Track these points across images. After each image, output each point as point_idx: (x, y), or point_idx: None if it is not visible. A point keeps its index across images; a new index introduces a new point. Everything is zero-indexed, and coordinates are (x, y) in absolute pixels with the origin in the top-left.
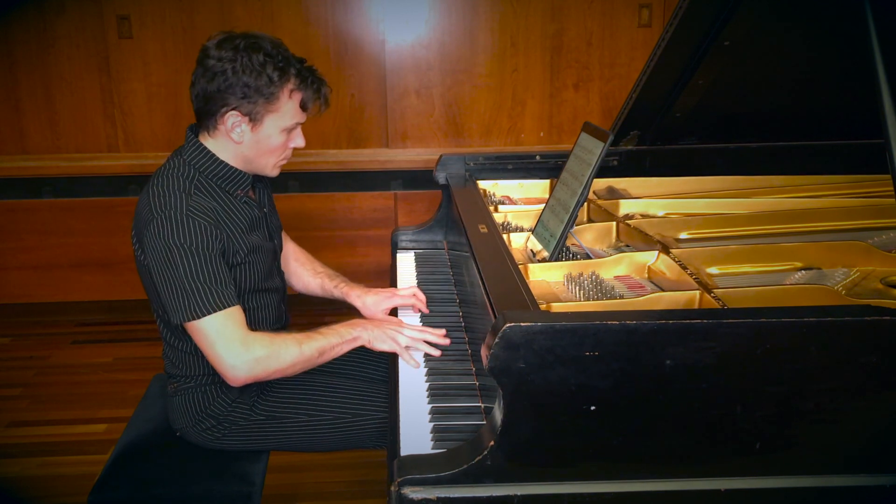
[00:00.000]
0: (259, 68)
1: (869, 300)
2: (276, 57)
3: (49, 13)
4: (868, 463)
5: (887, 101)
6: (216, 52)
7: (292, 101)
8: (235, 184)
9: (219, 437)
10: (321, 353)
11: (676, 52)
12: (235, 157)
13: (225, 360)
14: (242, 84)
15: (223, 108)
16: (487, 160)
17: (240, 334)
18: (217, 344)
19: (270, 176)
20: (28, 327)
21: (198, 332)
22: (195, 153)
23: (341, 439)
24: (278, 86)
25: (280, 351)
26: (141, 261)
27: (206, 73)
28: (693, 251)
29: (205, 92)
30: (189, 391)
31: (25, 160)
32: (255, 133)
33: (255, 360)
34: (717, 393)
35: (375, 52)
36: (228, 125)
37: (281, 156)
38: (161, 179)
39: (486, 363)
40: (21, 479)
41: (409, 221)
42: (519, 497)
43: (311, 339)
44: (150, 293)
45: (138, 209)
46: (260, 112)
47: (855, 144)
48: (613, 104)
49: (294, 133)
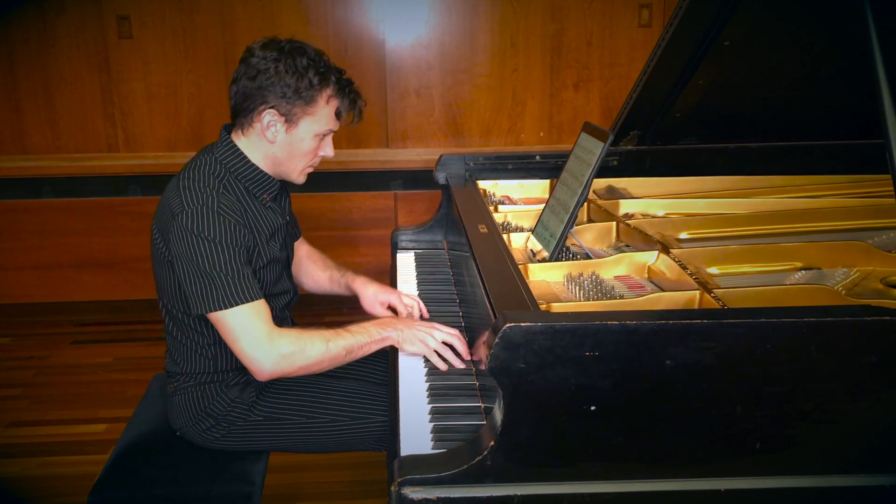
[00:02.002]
0: (302, 71)
1: (869, 300)
2: (318, 63)
3: (49, 13)
4: (868, 463)
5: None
6: (261, 52)
7: (329, 107)
8: (263, 188)
9: (217, 438)
10: (348, 352)
11: (676, 52)
12: (266, 159)
13: (250, 353)
14: (284, 84)
15: (261, 106)
16: (487, 160)
17: (265, 329)
18: (242, 338)
19: (296, 183)
20: (28, 327)
21: (223, 325)
22: (227, 152)
23: (340, 441)
24: (318, 90)
25: (306, 347)
26: (161, 252)
27: (248, 70)
28: (693, 251)
29: (246, 89)
30: (188, 390)
31: (25, 160)
32: (288, 134)
33: (280, 355)
34: (717, 393)
35: (375, 52)
36: (265, 122)
37: (309, 162)
38: (192, 174)
39: (486, 363)
40: (21, 479)
41: (409, 221)
42: (519, 497)
43: (339, 337)
44: (162, 286)
45: (165, 201)
46: (297, 114)
47: (855, 144)
48: (613, 104)
49: (325, 141)
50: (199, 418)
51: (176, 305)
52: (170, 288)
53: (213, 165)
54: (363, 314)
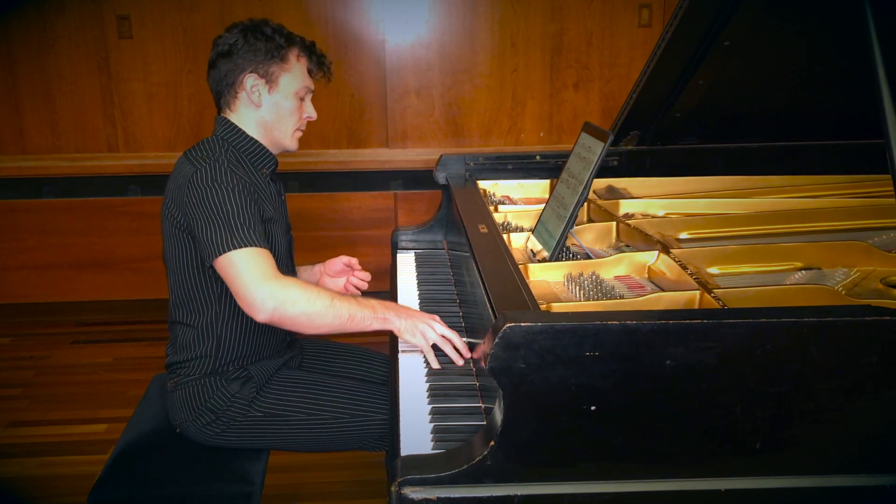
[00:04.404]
0: (269, 35)
1: (869, 300)
2: (281, 29)
3: (49, 13)
4: (868, 463)
5: (887, 101)
6: (227, 33)
7: (300, 64)
8: (262, 160)
9: (217, 433)
10: (351, 317)
11: (676, 52)
12: (258, 127)
13: (255, 290)
14: (255, 49)
15: (240, 75)
16: (487, 160)
17: (271, 271)
18: (244, 274)
19: (290, 148)
20: (28, 327)
21: (228, 266)
22: (223, 128)
23: (339, 440)
24: (287, 48)
25: (311, 296)
26: (177, 221)
27: (221, 49)
28: (693, 251)
29: (224, 66)
30: (189, 384)
31: (25, 160)
32: (271, 94)
33: (285, 296)
34: (717, 393)
35: (375, 52)
36: (248, 88)
37: (297, 124)
38: (198, 151)
39: (486, 363)
40: (21, 479)
41: (409, 221)
42: (519, 497)
43: (345, 300)
44: (173, 261)
45: (175, 176)
46: (275, 72)
47: (855, 144)
48: (613, 104)
49: (306, 102)
50: (199, 412)
51: (187, 279)
52: (179, 262)
53: (214, 142)
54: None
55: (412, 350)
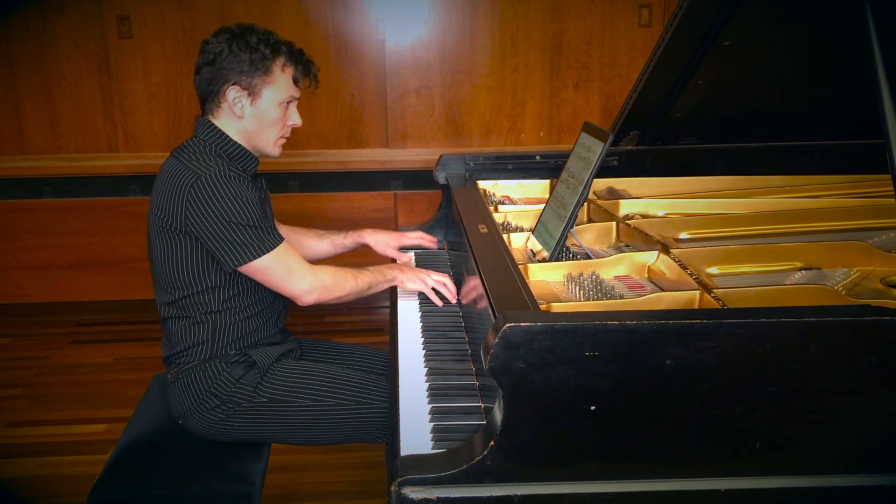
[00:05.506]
0: (254, 46)
1: (869, 300)
2: (268, 37)
3: (49, 13)
4: (868, 463)
5: (887, 101)
6: (214, 39)
7: (285, 74)
8: (245, 163)
9: (222, 419)
10: (370, 287)
11: (676, 52)
12: (240, 135)
13: (300, 286)
14: (239, 60)
15: (224, 85)
16: (487, 160)
17: (306, 264)
18: (289, 273)
19: (272, 155)
20: (28, 327)
21: (266, 269)
22: (206, 130)
23: (343, 429)
24: (271, 60)
25: (341, 280)
26: (166, 225)
27: (206, 56)
28: (693, 251)
29: (207, 74)
30: (190, 371)
31: (25, 160)
32: (254, 106)
33: (323, 286)
34: (717, 393)
35: (375, 52)
36: (230, 99)
37: (280, 132)
38: (188, 155)
39: (486, 363)
40: (21, 479)
41: (409, 221)
42: (519, 497)
43: (362, 275)
44: (159, 263)
45: (164, 178)
46: (258, 85)
47: (855, 144)
48: (613, 104)
49: (290, 109)
50: (204, 398)
51: (178, 274)
52: (169, 260)
53: (199, 144)
54: (363, 313)
55: (410, 297)
